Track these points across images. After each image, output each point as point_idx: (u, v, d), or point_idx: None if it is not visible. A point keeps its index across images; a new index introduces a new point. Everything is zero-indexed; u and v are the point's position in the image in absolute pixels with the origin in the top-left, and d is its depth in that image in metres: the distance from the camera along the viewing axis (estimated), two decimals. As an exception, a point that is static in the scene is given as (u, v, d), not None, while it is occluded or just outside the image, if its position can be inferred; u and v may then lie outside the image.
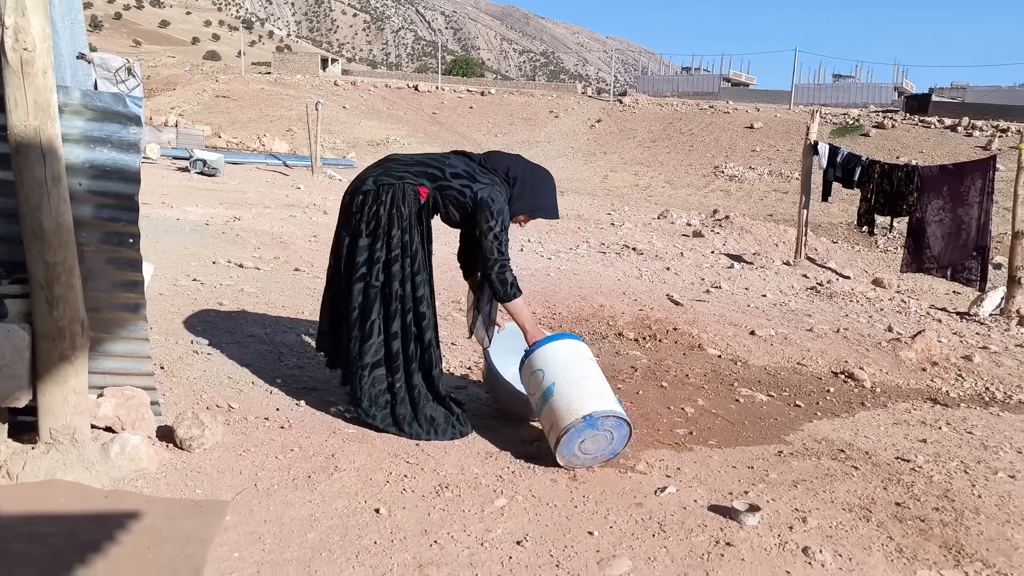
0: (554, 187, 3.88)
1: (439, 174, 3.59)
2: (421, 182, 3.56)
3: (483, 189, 3.57)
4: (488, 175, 3.65)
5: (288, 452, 3.28)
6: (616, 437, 3.38)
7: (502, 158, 3.80)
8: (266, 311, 5.43)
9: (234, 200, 11.90)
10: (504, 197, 3.62)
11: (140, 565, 2.38)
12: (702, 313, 6.83)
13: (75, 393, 2.81)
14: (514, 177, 3.70)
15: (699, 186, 25.24)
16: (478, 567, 2.58)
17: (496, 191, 3.58)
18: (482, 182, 3.60)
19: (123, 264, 2.93)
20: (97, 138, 2.77)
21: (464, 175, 3.60)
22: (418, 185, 3.56)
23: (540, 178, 3.81)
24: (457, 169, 3.62)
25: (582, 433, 3.29)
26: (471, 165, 3.68)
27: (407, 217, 3.54)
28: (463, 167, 3.63)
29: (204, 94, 31.46)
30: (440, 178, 3.58)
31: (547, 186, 3.83)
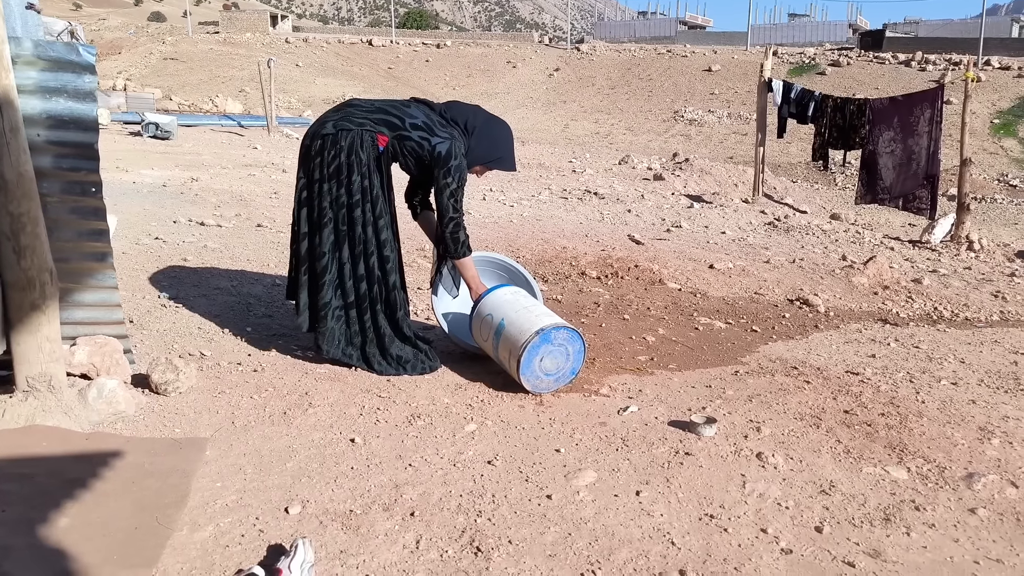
0: (511, 139, 3.92)
1: (399, 123, 3.61)
2: (380, 130, 3.59)
3: (441, 144, 3.60)
4: (447, 128, 3.67)
5: (263, 392, 3.38)
6: (572, 352, 3.54)
7: (462, 108, 3.83)
8: (231, 265, 5.46)
9: (190, 162, 11.75)
10: (462, 150, 3.66)
11: (126, 496, 2.47)
12: (663, 251, 6.98)
13: (49, 341, 2.86)
14: (472, 127, 3.74)
15: (659, 131, 25.33)
16: (451, 484, 2.72)
17: (455, 145, 3.61)
18: (440, 136, 3.62)
19: (87, 213, 2.96)
20: (52, 88, 2.78)
21: (423, 127, 3.62)
22: (377, 133, 3.59)
23: (497, 130, 3.86)
24: (417, 120, 3.63)
25: (538, 350, 3.44)
26: (431, 116, 3.69)
27: (366, 163, 3.58)
28: (423, 118, 3.65)
29: (151, 57, 30.67)
30: (400, 128, 3.61)
31: (504, 138, 3.87)
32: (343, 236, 3.60)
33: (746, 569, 2.29)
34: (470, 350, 3.99)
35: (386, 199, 3.70)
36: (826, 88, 18.76)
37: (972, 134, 9.58)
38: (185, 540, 2.30)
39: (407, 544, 2.35)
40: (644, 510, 2.61)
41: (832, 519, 2.59)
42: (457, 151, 3.61)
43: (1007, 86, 26.30)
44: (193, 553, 2.24)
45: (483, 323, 3.69)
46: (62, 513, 2.35)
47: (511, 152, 3.89)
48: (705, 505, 2.65)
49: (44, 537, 2.24)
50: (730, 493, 2.73)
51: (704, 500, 2.68)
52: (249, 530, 2.38)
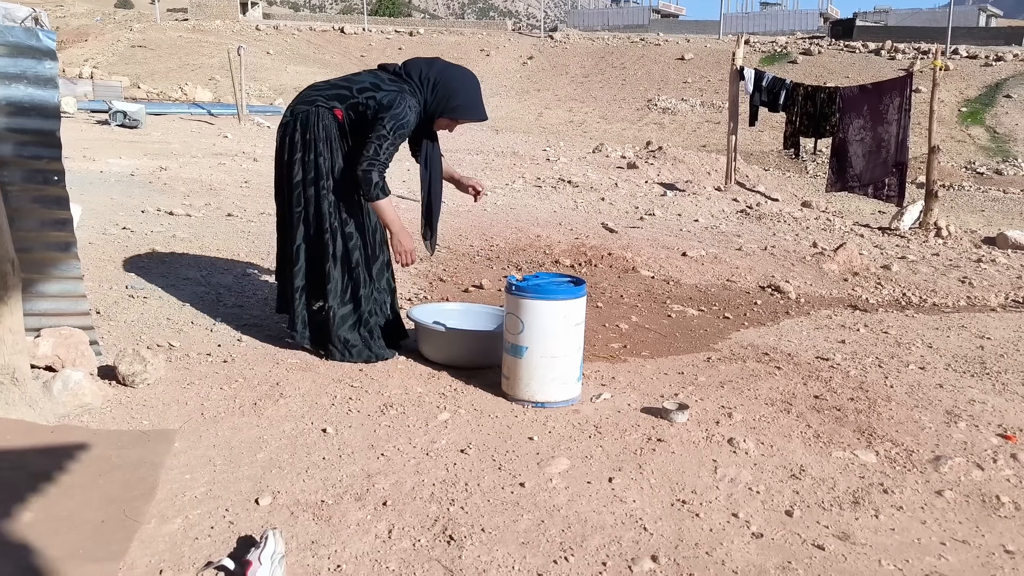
0: (476, 87, 3.69)
1: (347, 93, 3.52)
2: (333, 104, 3.52)
3: (385, 96, 3.48)
4: (396, 83, 3.55)
5: (233, 383, 3.34)
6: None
7: (416, 62, 3.66)
8: (200, 255, 5.39)
9: (159, 151, 11.58)
10: (413, 103, 3.50)
11: (93, 490, 2.43)
12: (636, 239, 7.00)
13: (12, 333, 2.80)
14: (428, 79, 3.57)
15: (633, 120, 25.38)
16: (424, 473, 2.70)
17: (401, 97, 3.47)
18: (386, 89, 3.51)
19: (50, 202, 2.91)
20: (11, 74, 2.72)
21: (370, 87, 3.52)
22: (332, 108, 3.52)
23: (458, 77, 3.64)
24: (364, 83, 3.54)
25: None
26: (379, 76, 3.59)
27: (323, 139, 3.51)
28: (370, 80, 3.55)
29: (119, 44, 30.14)
30: (349, 96, 3.52)
31: (465, 86, 3.64)
32: (307, 216, 3.56)
33: (717, 553, 2.31)
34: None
35: (352, 174, 3.58)
36: (797, 77, 18.87)
37: (940, 122, 9.69)
38: (153, 533, 2.27)
39: (379, 534, 2.34)
40: (617, 496, 2.61)
41: (802, 503, 2.61)
42: (401, 101, 3.46)
43: (974, 75, 26.66)
44: (161, 546, 2.21)
45: (511, 319, 3.36)
46: (26, 507, 2.31)
47: (476, 100, 3.65)
48: (677, 491, 2.66)
49: (7, 532, 2.19)
50: (702, 478, 2.75)
51: (676, 486, 2.69)
52: (219, 522, 2.35)
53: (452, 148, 14.47)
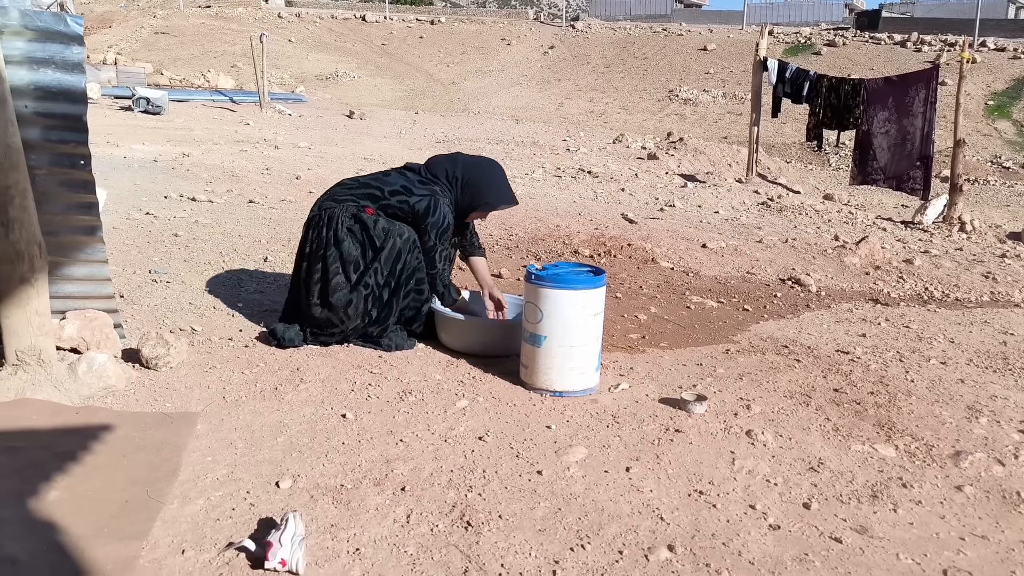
0: (501, 174, 3.91)
1: (379, 194, 3.69)
2: (365, 204, 3.67)
3: (420, 201, 3.68)
4: (426, 186, 3.75)
5: (254, 367, 3.37)
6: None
7: (440, 161, 3.88)
8: (222, 241, 5.43)
9: (181, 137, 11.66)
10: (446, 203, 3.72)
11: (117, 470, 2.47)
12: (656, 230, 6.98)
13: (38, 315, 2.85)
14: (456, 178, 3.80)
15: (654, 111, 25.21)
16: (442, 460, 2.72)
17: (433, 200, 3.68)
18: (418, 194, 3.70)
19: (76, 186, 2.94)
20: (40, 59, 2.75)
21: (402, 191, 3.70)
22: (364, 207, 3.66)
23: (483, 171, 3.87)
24: (395, 186, 3.71)
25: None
26: (409, 179, 3.77)
27: (346, 233, 3.61)
28: (400, 183, 3.73)
29: (142, 31, 30.31)
30: (380, 198, 3.69)
31: (492, 177, 3.87)
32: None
33: (734, 544, 2.31)
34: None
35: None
36: (821, 68, 18.68)
37: (966, 115, 9.56)
38: (176, 513, 2.30)
39: (398, 518, 2.36)
40: (634, 486, 2.62)
41: (820, 496, 2.61)
42: (435, 205, 3.69)
43: (1002, 68, 26.25)
44: (184, 526, 2.24)
45: (529, 308, 3.36)
46: (53, 486, 2.35)
47: (504, 189, 3.88)
48: (694, 481, 2.66)
49: (35, 510, 2.24)
50: (719, 470, 2.75)
51: (693, 476, 2.70)
52: (240, 504, 2.38)
53: (472, 138, 14.48)
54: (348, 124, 16.01)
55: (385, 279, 3.62)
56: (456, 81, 28.81)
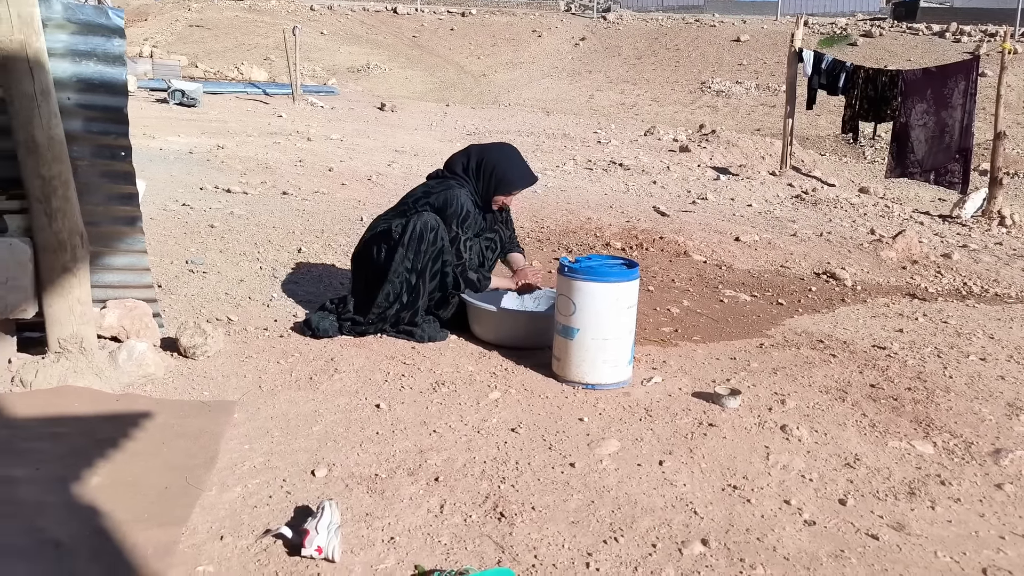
0: (516, 156, 3.98)
1: (406, 207, 3.86)
2: (399, 222, 3.76)
3: (437, 197, 3.80)
4: (443, 183, 3.87)
5: (289, 357, 3.41)
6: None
7: (456, 158, 3.98)
8: (257, 232, 5.49)
9: (216, 129, 11.78)
10: (463, 193, 3.82)
11: (157, 457, 2.52)
12: (688, 223, 6.93)
13: (80, 303, 2.91)
14: (470, 169, 3.88)
15: (686, 103, 24.99)
16: (475, 451, 2.74)
17: (449, 194, 3.79)
18: (435, 192, 3.83)
19: (117, 177, 2.99)
20: (82, 52, 2.80)
21: (422, 195, 3.86)
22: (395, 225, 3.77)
23: (497, 156, 3.93)
24: (417, 194, 3.89)
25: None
26: (428, 184, 3.94)
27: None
28: (421, 190, 3.91)
29: (177, 24, 30.64)
30: (408, 209, 3.83)
31: (507, 160, 3.93)
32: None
33: (768, 539, 2.30)
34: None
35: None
36: (857, 59, 18.38)
37: (1007, 107, 9.33)
38: (214, 500, 2.34)
39: (431, 508, 2.38)
40: (667, 479, 2.61)
41: (856, 492, 2.58)
42: (452, 198, 3.79)
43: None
44: (222, 512, 2.28)
45: (562, 300, 3.36)
46: (94, 472, 2.40)
47: (522, 170, 3.95)
48: (728, 476, 2.65)
49: (77, 495, 2.28)
50: (753, 465, 2.73)
51: (727, 471, 2.68)
52: (276, 491, 2.41)
53: (502, 130, 14.48)
54: (379, 116, 16.08)
55: (412, 262, 3.67)
56: (487, 73, 28.79)
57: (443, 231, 3.73)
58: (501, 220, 4.10)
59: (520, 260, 4.14)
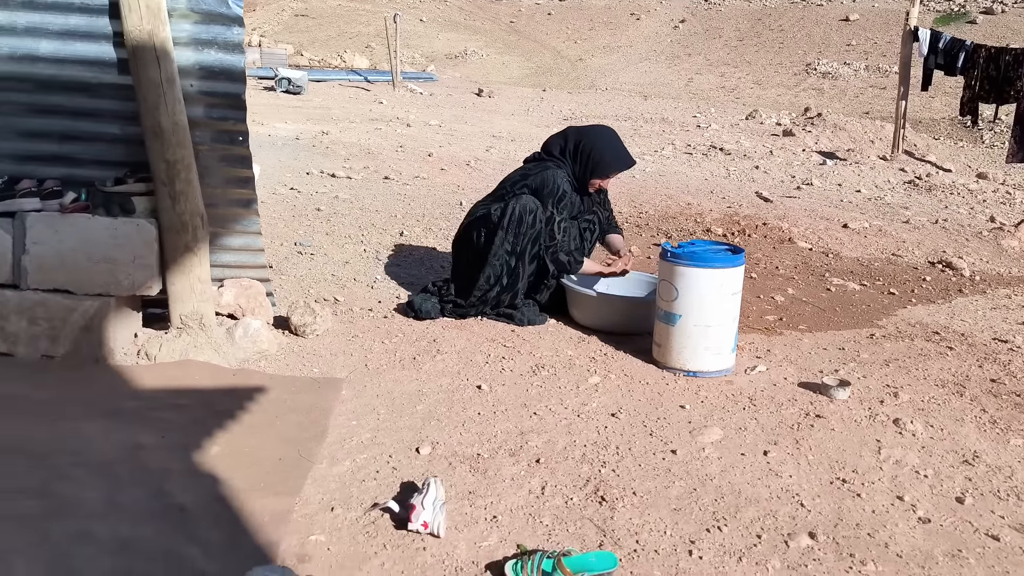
0: (614, 138, 3.95)
1: (504, 191, 3.88)
2: (497, 206, 3.80)
3: (534, 179, 3.81)
4: (540, 165, 3.89)
5: (393, 338, 3.49)
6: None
7: (553, 140, 3.98)
8: (361, 216, 5.63)
9: (320, 116, 12.12)
10: (560, 174, 3.82)
11: (271, 430, 2.63)
12: (792, 208, 6.73)
13: (200, 282, 3.05)
14: (568, 150, 3.88)
15: (789, 85, 24.19)
16: (575, 434, 2.74)
17: (545, 175, 3.80)
18: (532, 174, 3.84)
19: (235, 161, 3.11)
20: (204, 40, 2.92)
21: (519, 178, 3.88)
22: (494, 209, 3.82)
23: (595, 138, 3.91)
24: (515, 178, 3.91)
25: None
26: (526, 167, 3.96)
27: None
28: (519, 174, 3.93)
29: (283, 14, 31.62)
30: (507, 193, 3.84)
31: (605, 142, 3.91)
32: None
33: (880, 535, 2.22)
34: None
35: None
36: (976, 38, 17.37)
37: None
38: (325, 473, 2.43)
39: (533, 489, 2.40)
40: (772, 470, 2.56)
41: (975, 490, 2.46)
42: (548, 178, 3.80)
43: None
44: (332, 485, 2.36)
45: (664, 285, 3.33)
46: (214, 441, 2.52)
47: (619, 152, 3.92)
48: (837, 469, 2.57)
49: (199, 463, 2.41)
50: (864, 458, 2.64)
51: (836, 464, 2.60)
52: (383, 467, 2.48)
53: (599, 115, 14.36)
54: (477, 102, 16.19)
55: (512, 245, 3.69)
56: (583, 57, 28.57)
57: (541, 213, 3.74)
58: (598, 201, 4.08)
59: (619, 241, 4.11)
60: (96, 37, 2.87)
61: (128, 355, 3.04)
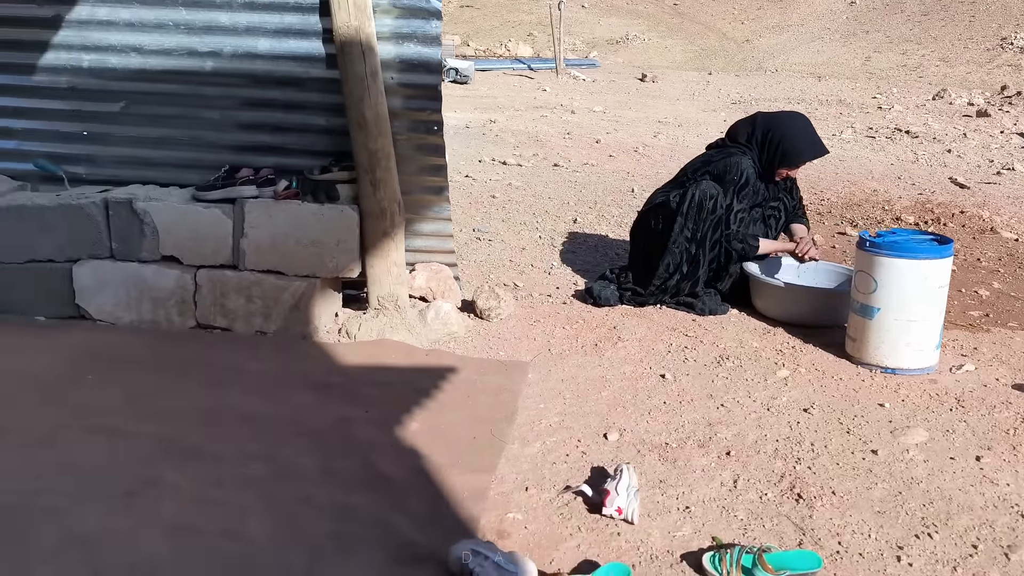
0: (805, 125, 3.82)
1: (684, 178, 3.85)
2: (676, 192, 3.76)
3: (716, 166, 3.75)
4: (723, 151, 3.81)
5: (573, 324, 3.53)
6: None
7: (739, 126, 3.89)
8: (534, 203, 5.71)
9: (486, 105, 12.37)
10: (745, 161, 3.73)
11: (463, 409, 2.73)
12: (992, 195, 6.21)
13: (396, 265, 3.21)
14: (756, 137, 3.78)
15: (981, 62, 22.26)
16: (766, 428, 2.67)
17: (728, 162, 3.72)
18: (715, 161, 3.78)
19: (429, 150, 3.24)
20: (404, 34, 3.05)
21: (701, 165, 3.83)
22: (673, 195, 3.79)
23: (784, 123, 3.80)
24: (696, 164, 3.86)
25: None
26: (708, 154, 3.90)
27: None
28: (700, 160, 3.88)
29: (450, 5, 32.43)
30: (686, 180, 3.81)
31: (795, 129, 3.78)
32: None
33: (1120, 556, 2.03)
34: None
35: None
36: None
37: None
38: (517, 453, 2.49)
39: (724, 482, 2.36)
40: (986, 477, 2.39)
41: None
42: (731, 166, 3.72)
43: None
44: (525, 466, 2.42)
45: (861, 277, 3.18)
46: (412, 418, 2.65)
47: (808, 138, 3.78)
48: (1063, 480, 2.37)
49: (401, 437, 2.54)
50: (1095, 470, 2.41)
51: (1062, 474, 2.39)
52: (572, 451, 2.52)
53: (769, 97, 13.82)
54: (640, 87, 16.00)
55: (691, 231, 3.64)
56: (750, 38, 27.54)
57: (723, 199, 3.66)
58: (785, 188, 3.94)
59: (802, 231, 3.95)
60: (307, 34, 3.07)
61: (330, 333, 3.25)
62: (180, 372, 2.90)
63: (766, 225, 3.86)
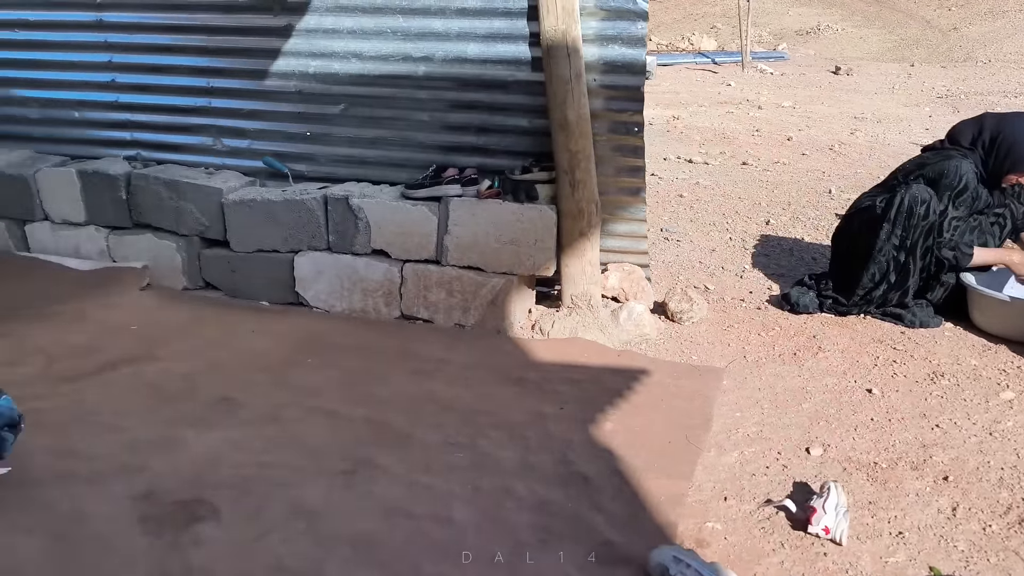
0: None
1: (895, 182, 3.63)
2: (883, 196, 3.57)
3: (931, 168, 3.52)
4: (939, 154, 3.58)
5: (769, 330, 3.42)
6: None
7: (962, 128, 3.61)
8: (723, 203, 5.57)
9: (669, 101, 12.17)
10: (965, 164, 3.47)
11: (656, 412, 2.72)
12: None
13: (590, 265, 3.24)
14: (982, 140, 3.52)
15: None
16: (988, 454, 2.48)
17: (949, 164, 3.47)
18: (930, 163, 3.55)
19: (627, 151, 3.24)
20: (609, 36, 3.06)
21: (914, 168, 3.60)
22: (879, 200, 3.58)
23: (1017, 126, 3.47)
24: (909, 168, 3.64)
25: None
26: (923, 156, 3.66)
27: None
28: (915, 162, 3.65)
29: None
30: (898, 183, 3.58)
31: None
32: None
33: None
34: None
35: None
36: None
37: None
38: (713, 461, 2.46)
39: (942, 509, 2.22)
40: None
41: None
42: (947, 168, 3.46)
43: None
44: (723, 475, 2.38)
45: None
46: (606, 418, 2.67)
47: None
48: None
49: (595, 436, 2.57)
50: None
51: None
52: (772, 463, 2.45)
53: (981, 91, 12.71)
54: (833, 80, 15.16)
55: (900, 238, 3.42)
56: (958, 26, 25.37)
57: (935, 204, 3.40)
58: (1013, 195, 3.62)
59: None
60: (515, 38, 3.15)
61: (524, 329, 3.33)
62: (388, 360, 3.08)
63: (989, 233, 3.57)
